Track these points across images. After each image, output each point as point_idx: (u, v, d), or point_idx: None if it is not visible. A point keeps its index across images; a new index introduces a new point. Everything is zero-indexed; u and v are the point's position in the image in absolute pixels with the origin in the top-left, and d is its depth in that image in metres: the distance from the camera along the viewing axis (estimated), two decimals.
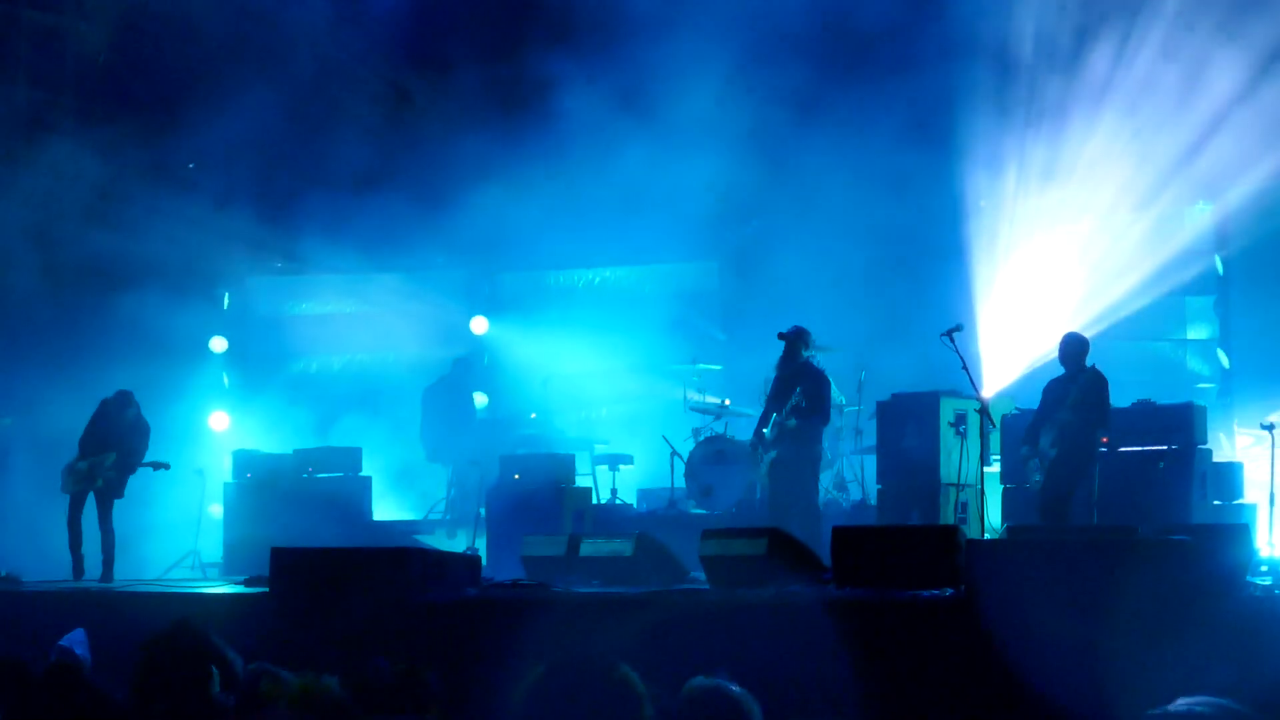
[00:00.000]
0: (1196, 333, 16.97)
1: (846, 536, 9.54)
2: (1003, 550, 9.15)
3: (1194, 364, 16.93)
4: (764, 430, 13.66)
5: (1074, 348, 12.78)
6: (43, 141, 17.28)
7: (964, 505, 13.62)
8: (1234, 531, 10.04)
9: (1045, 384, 13.05)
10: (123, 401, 14.61)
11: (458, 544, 15.59)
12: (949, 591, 8.55)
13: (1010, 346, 15.05)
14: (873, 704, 7.57)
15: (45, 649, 7.63)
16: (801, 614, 8.46)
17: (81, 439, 14.51)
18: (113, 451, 14.34)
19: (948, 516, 13.57)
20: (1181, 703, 4.18)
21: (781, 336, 13.83)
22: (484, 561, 12.18)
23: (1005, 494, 13.61)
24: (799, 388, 13.38)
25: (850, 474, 15.99)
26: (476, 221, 17.76)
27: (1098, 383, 12.61)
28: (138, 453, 14.51)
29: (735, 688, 4.52)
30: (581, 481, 15.97)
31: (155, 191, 17.50)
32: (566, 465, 15.58)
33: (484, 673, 8.49)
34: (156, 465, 14.78)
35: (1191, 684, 4.98)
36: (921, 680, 7.92)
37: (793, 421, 13.35)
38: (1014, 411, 13.81)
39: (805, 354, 13.74)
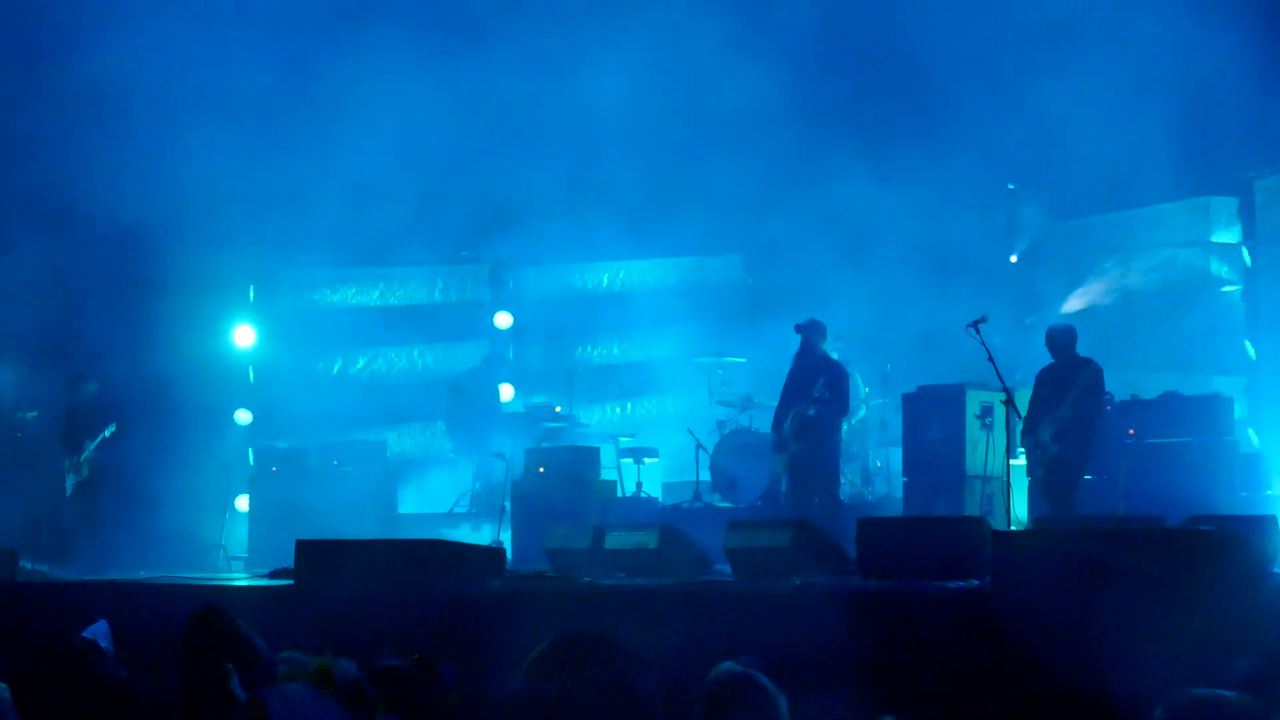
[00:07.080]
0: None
1: (871, 528, 9.51)
2: (1030, 542, 9.10)
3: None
4: (783, 424, 13.66)
5: (1063, 338, 12.84)
6: None
7: (989, 498, 13.59)
8: (1262, 523, 10.01)
9: (1036, 374, 13.08)
10: (78, 382, 14.78)
11: (483, 537, 15.60)
12: (975, 583, 8.52)
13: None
14: (898, 695, 7.54)
15: (70, 640, 7.63)
16: (826, 605, 8.43)
17: (63, 435, 14.70)
18: (88, 439, 14.52)
19: (973, 509, 13.55)
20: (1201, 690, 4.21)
21: (797, 329, 13.86)
22: (509, 554, 12.20)
23: (1031, 486, 13.57)
24: (821, 379, 13.40)
25: (875, 466, 15.98)
26: (499, 214, 17.73)
27: (1099, 377, 12.66)
28: (115, 427, 14.66)
29: (763, 678, 4.52)
30: (606, 475, 15.98)
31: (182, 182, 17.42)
32: (591, 458, 15.59)
33: (508, 664, 8.49)
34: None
35: (1218, 675, 4.96)
36: (947, 672, 7.88)
37: (811, 410, 13.37)
38: None
39: (823, 346, 13.80)
